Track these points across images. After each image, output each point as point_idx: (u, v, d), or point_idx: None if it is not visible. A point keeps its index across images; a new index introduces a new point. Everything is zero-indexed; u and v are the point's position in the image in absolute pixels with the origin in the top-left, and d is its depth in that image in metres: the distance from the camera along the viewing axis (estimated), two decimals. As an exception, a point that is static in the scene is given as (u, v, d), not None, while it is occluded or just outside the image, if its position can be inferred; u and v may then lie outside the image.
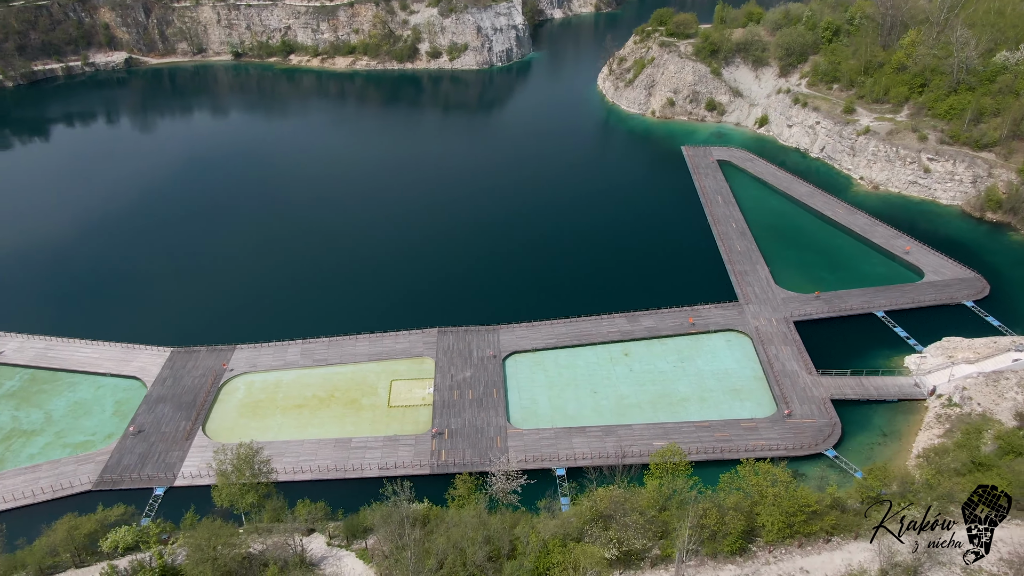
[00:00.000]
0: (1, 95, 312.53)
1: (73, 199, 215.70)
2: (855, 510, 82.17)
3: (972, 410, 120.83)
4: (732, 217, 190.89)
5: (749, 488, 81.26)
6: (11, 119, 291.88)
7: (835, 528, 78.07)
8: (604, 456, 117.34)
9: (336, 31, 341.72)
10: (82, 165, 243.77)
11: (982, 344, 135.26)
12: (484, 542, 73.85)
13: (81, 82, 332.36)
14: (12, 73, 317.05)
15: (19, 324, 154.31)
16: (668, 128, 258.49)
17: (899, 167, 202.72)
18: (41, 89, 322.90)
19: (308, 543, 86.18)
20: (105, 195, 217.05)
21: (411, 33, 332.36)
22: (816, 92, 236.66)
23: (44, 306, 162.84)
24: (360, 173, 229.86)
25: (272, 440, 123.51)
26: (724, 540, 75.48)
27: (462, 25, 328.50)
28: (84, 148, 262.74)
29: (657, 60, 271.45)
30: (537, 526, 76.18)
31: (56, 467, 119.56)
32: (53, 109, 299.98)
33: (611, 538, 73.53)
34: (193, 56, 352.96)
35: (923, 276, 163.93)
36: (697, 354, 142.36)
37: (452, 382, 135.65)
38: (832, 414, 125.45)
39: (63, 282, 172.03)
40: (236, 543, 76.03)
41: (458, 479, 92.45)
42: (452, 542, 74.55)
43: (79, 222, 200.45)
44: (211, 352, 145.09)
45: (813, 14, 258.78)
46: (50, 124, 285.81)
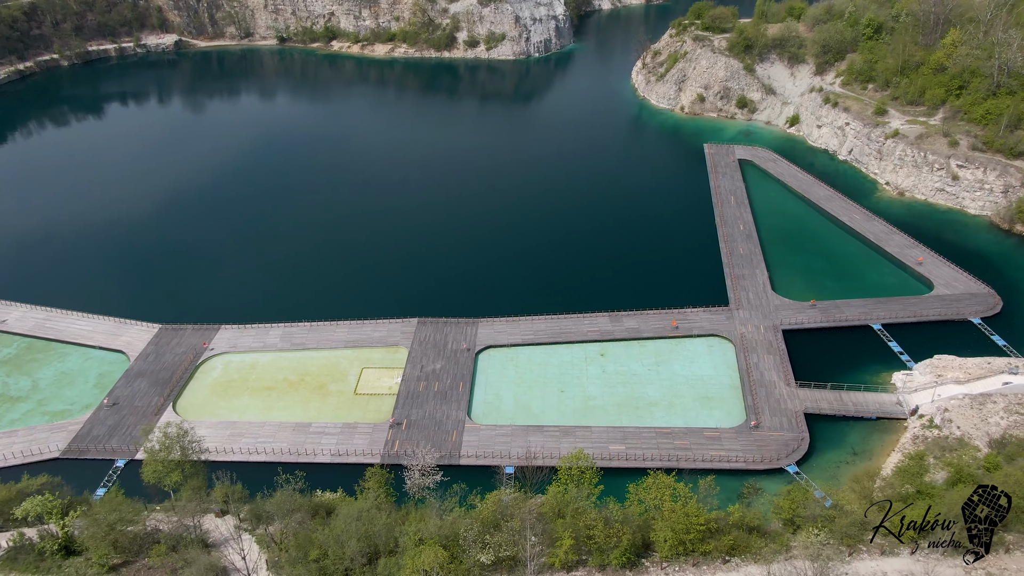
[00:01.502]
0: (57, 74, 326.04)
1: (108, 177, 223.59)
2: (765, 531, 78.60)
3: (951, 433, 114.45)
4: (741, 219, 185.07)
5: (649, 500, 78.57)
6: (64, 97, 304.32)
7: (734, 549, 74.69)
8: (556, 457, 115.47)
9: (377, 18, 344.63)
10: (119, 144, 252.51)
11: (975, 364, 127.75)
12: (363, 537, 73.57)
13: (133, 63, 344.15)
14: (68, 53, 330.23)
15: (26, 294, 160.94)
16: (696, 125, 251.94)
17: (926, 173, 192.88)
18: (95, 69, 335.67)
19: (219, 525, 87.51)
20: (135, 174, 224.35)
21: (450, 22, 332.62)
22: (849, 92, 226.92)
23: (51, 278, 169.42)
24: (377, 161, 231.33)
25: (236, 420, 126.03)
26: (612, 553, 73.16)
27: (500, 15, 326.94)
28: (127, 128, 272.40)
29: (690, 54, 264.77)
30: (418, 525, 75.41)
31: (32, 433, 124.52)
32: (104, 88, 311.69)
33: (487, 542, 72.29)
34: (240, 40, 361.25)
35: (932, 289, 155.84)
36: (675, 358, 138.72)
37: (421, 373, 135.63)
38: (803, 428, 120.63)
39: (75, 256, 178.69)
40: (136, 520, 77.68)
41: (368, 471, 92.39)
42: (334, 535, 74.52)
43: (104, 199, 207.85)
44: (197, 331, 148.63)
45: (856, 10, 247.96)
46: (102, 102, 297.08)
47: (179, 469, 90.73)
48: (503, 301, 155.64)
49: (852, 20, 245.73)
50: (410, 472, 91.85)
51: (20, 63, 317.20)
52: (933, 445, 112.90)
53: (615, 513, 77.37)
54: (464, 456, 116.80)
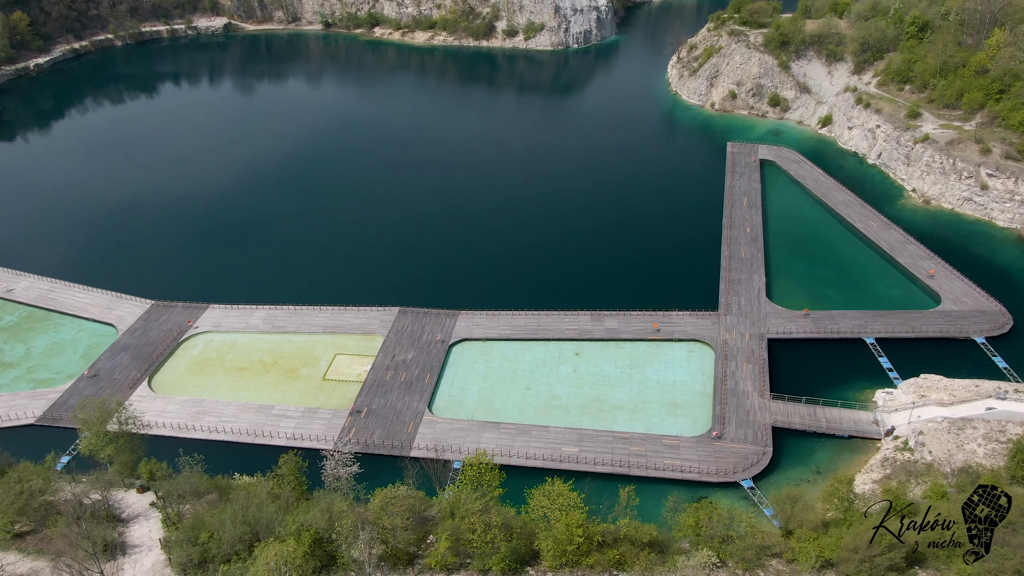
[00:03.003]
0: (110, 53, 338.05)
1: (142, 155, 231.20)
2: (666, 546, 75.55)
3: (922, 458, 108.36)
4: (750, 221, 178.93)
5: (539, 507, 76.32)
6: (114, 76, 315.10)
7: (620, 564, 71.97)
8: (507, 455, 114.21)
9: (419, 5, 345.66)
10: (156, 124, 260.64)
11: (961, 387, 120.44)
12: (245, 523, 73.85)
13: (183, 44, 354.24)
14: (122, 33, 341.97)
15: (38, 265, 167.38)
16: (725, 122, 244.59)
17: (954, 181, 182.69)
18: (147, 49, 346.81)
19: (139, 500, 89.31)
20: (166, 154, 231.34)
21: (490, 10, 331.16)
22: (884, 93, 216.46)
23: (64, 251, 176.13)
24: (393, 148, 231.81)
25: (205, 399, 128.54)
26: (492, 559, 71.46)
27: (541, 4, 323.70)
28: (164, 109, 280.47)
29: (724, 49, 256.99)
30: (302, 516, 75.24)
31: (14, 399, 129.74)
32: (154, 68, 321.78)
33: (366, 538, 71.66)
34: (287, 24, 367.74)
35: (939, 303, 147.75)
36: (651, 362, 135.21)
37: (392, 362, 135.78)
38: (768, 442, 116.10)
39: (89, 230, 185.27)
40: (45, 489, 79.92)
41: (282, 458, 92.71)
42: (220, 519, 75.05)
43: (132, 176, 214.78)
44: (186, 308, 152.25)
45: (902, 6, 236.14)
46: (154, 81, 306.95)
47: (113, 443, 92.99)
48: (491, 294, 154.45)
49: (897, 17, 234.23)
50: (327, 460, 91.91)
51: (76, 42, 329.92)
52: (900, 469, 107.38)
53: (512, 519, 75.51)
54: (415, 448, 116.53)
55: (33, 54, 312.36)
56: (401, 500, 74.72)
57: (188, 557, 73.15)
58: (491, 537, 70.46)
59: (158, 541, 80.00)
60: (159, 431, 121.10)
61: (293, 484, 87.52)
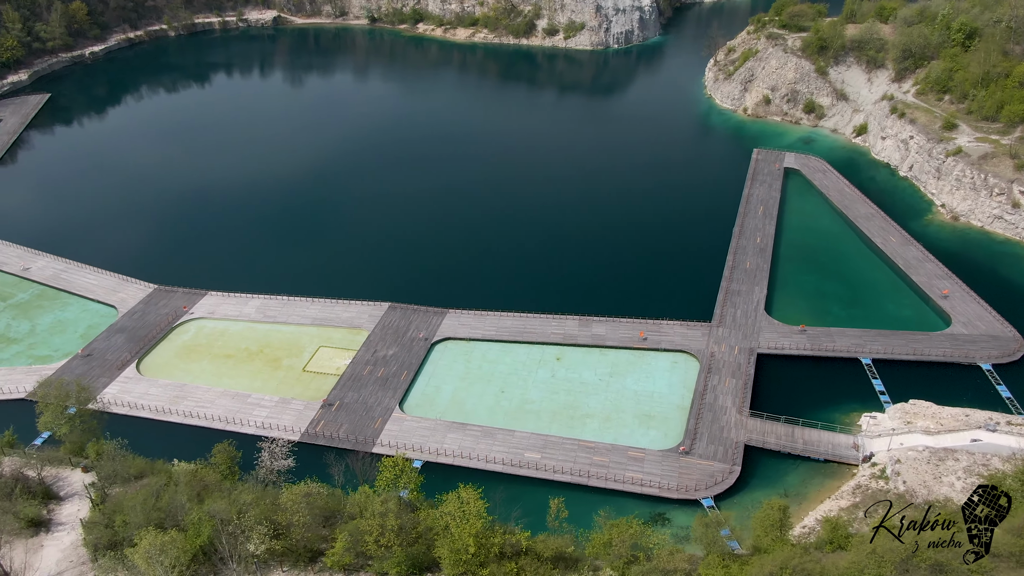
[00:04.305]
0: (163, 43, 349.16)
1: (178, 143, 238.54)
2: (568, 561, 73.26)
3: (895, 487, 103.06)
4: (761, 231, 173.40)
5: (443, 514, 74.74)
6: (168, 65, 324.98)
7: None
8: (467, 457, 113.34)
9: (462, 2, 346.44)
10: (195, 114, 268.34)
11: (950, 415, 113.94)
12: (153, 510, 74.74)
13: (234, 36, 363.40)
14: (176, 24, 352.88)
15: (54, 246, 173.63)
16: (757, 128, 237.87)
17: (984, 197, 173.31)
18: (199, 40, 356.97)
19: (82, 479, 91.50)
20: (201, 142, 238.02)
21: (532, 9, 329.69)
22: (921, 102, 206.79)
23: (82, 232, 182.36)
24: (417, 143, 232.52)
25: (186, 384, 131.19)
26: (388, 562, 70.52)
27: (582, 3, 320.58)
28: (205, 100, 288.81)
29: (760, 53, 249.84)
30: (210, 505, 75.68)
31: (11, 374, 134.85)
32: (205, 58, 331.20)
33: (263, 532, 71.67)
34: (335, 19, 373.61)
35: (948, 325, 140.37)
36: (632, 371, 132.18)
37: (372, 357, 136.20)
38: (737, 460, 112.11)
39: (109, 214, 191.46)
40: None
41: (216, 447, 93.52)
42: (130, 505, 76.14)
43: (165, 163, 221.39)
44: (186, 294, 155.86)
45: (950, 12, 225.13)
46: (205, 71, 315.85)
47: (68, 422, 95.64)
48: (486, 294, 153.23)
49: (944, 23, 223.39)
50: (264, 452, 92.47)
51: (131, 31, 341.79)
52: (870, 498, 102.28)
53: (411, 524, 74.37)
54: (378, 445, 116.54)
55: (90, 42, 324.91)
56: (299, 497, 74.61)
57: (99, 539, 74.68)
58: (386, 541, 69.75)
59: (80, 521, 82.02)
60: (139, 413, 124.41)
61: (225, 473, 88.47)
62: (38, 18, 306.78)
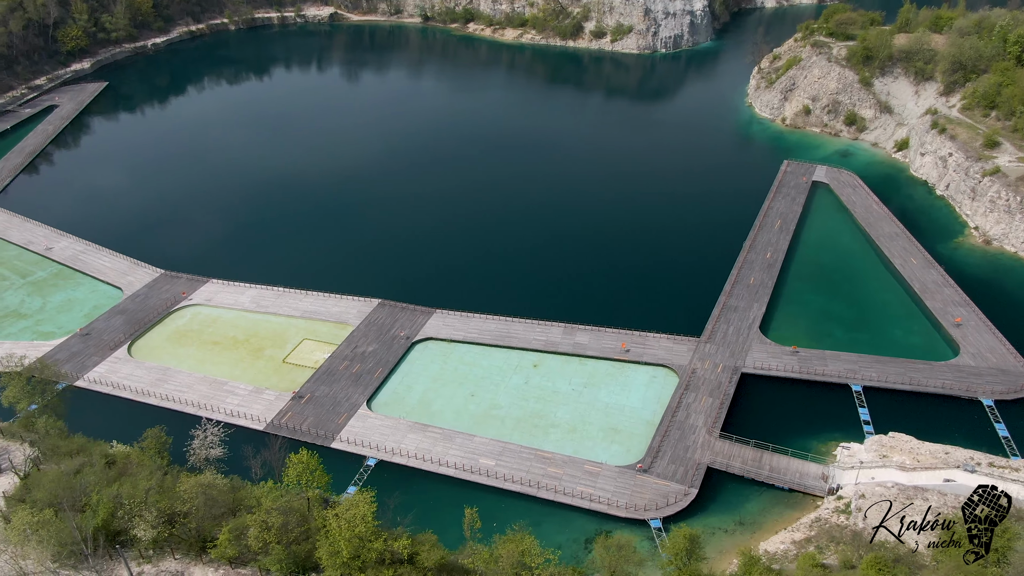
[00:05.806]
0: (224, 37, 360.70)
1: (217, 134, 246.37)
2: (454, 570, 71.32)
3: (854, 524, 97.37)
4: (773, 246, 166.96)
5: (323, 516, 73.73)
6: (226, 58, 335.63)
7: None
8: (423, 459, 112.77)
9: (512, 3, 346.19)
10: (243, 108, 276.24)
11: (929, 451, 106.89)
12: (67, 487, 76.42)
13: (292, 31, 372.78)
14: (236, 19, 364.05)
15: (79, 227, 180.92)
16: (794, 139, 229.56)
17: (1019, 221, 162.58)
18: (258, 34, 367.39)
19: (30, 454, 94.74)
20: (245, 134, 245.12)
21: (580, 11, 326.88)
22: (965, 118, 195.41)
23: (104, 215, 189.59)
24: (439, 141, 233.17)
25: (170, 367, 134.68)
26: (269, 558, 70.24)
27: (631, 6, 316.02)
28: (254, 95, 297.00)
29: (804, 62, 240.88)
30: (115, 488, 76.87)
31: (14, 347, 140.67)
32: (264, 52, 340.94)
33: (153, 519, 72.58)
34: (390, 16, 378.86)
35: (956, 356, 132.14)
36: (608, 383, 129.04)
37: (351, 353, 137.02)
38: (696, 482, 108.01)
39: (136, 200, 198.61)
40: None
41: (147, 432, 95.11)
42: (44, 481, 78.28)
43: (189, 150, 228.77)
44: (188, 281, 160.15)
45: (1010, 23, 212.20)
46: (265, 64, 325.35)
47: (27, 398, 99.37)
48: (479, 296, 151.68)
49: (1001, 35, 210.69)
50: (196, 439, 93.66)
51: (194, 25, 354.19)
52: (825, 533, 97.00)
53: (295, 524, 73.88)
54: (338, 440, 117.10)
55: (153, 34, 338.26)
56: (195, 487, 75.36)
57: (10, 512, 77.19)
58: (266, 537, 69.73)
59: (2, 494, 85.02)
60: (120, 393, 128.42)
61: (153, 456, 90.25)
62: (105, 9, 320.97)
